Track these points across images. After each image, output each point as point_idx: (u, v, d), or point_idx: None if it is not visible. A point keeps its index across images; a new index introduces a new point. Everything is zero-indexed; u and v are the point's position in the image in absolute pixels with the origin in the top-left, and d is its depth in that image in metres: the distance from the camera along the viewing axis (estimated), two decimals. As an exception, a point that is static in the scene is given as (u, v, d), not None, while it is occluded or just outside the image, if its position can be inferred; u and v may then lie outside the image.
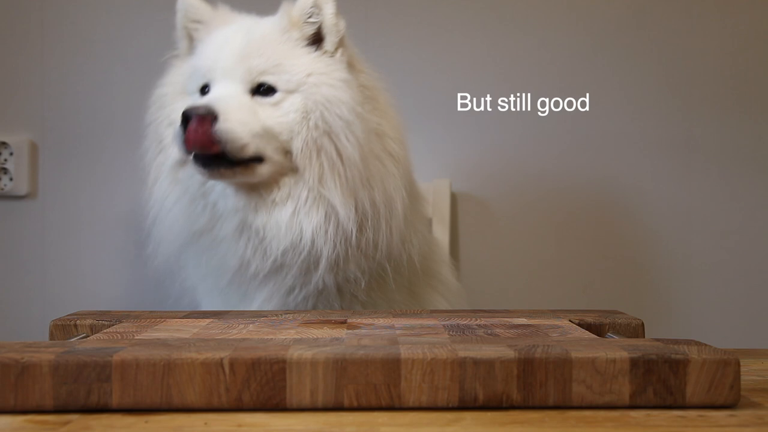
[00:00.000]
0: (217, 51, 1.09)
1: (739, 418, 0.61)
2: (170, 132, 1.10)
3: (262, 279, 1.09)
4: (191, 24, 1.16)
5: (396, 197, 1.09)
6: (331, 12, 1.09)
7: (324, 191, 1.04)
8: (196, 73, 1.11)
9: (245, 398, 0.61)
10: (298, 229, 1.05)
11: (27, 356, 0.61)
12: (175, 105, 1.12)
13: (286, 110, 1.05)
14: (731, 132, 1.61)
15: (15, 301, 1.59)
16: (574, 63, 1.61)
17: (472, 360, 0.62)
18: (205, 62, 1.10)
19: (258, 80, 1.06)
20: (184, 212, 1.12)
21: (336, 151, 1.04)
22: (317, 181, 1.05)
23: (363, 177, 1.06)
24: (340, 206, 1.04)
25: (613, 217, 1.62)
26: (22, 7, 1.59)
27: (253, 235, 1.07)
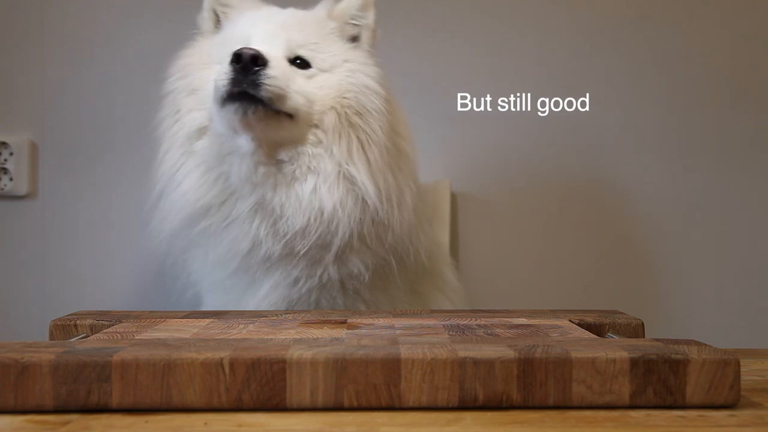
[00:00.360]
0: (256, 21, 1.10)
1: (739, 418, 0.61)
2: (190, 101, 1.10)
3: (270, 266, 1.08)
4: (220, 7, 1.16)
5: (407, 191, 1.11)
6: (373, 17, 1.14)
7: (351, 168, 1.05)
8: (229, 41, 1.08)
9: (245, 398, 0.61)
10: (318, 204, 1.04)
11: (27, 356, 0.61)
12: (199, 73, 1.12)
13: (321, 85, 1.07)
14: (731, 132, 1.61)
15: (15, 301, 1.58)
16: (574, 63, 1.61)
17: (472, 360, 0.62)
18: (242, 30, 1.09)
19: (296, 52, 1.08)
20: (195, 183, 1.09)
21: (366, 131, 1.06)
22: (346, 157, 1.05)
23: (386, 162, 1.08)
24: (367, 183, 1.05)
25: (613, 216, 1.62)
26: (22, 7, 1.59)
27: (269, 215, 1.06)
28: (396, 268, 1.11)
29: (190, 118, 1.10)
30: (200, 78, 1.11)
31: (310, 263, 1.07)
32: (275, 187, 1.06)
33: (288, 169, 1.06)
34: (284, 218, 1.05)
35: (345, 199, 1.05)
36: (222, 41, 1.12)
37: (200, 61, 1.13)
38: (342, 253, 1.07)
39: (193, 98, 1.11)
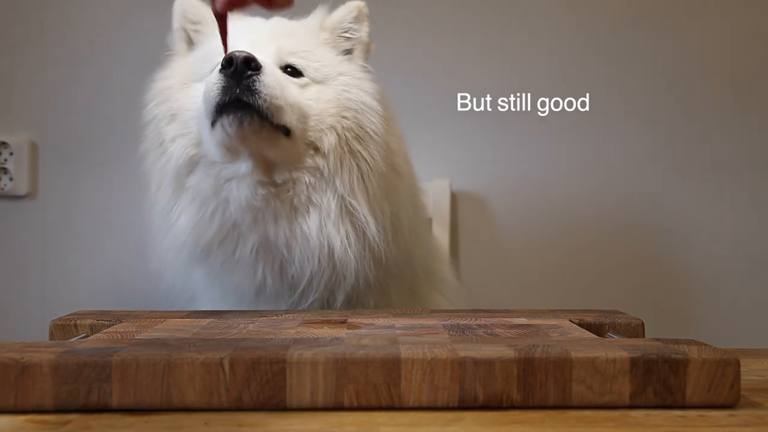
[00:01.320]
0: (240, 30, 1.00)
1: (739, 418, 0.61)
2: (173, 127, 1.03)
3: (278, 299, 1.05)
4: (190, 25, 1.10)
5: (402, 213, 1.06)
6: (367, 30, 1.09)
7: (352, 201, 1.00)
8: (211, 54, 1.02)
9: (245, 398, 0.61)
10: (327, 244, 0.99)
11: (27, 356, 0.61)
12: (178, 95, 1.04)
13: (315, 97, 1.01)
14: (731, 133, 1.61)
15: (15, 301, 1.58)
16: (574, 63, 1.61)
17: (472, 360, 0.62)
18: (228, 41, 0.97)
19: (287, 60, 1.02)
20: (191, 221, 1.02)
21: (366, 159, 1.00)
22: (348, 189, 1.00)
23: (386, 187, 1.03)
24: (368, 216, 1.00)
25: (613, 216, 1.62)
26: (22, 7, 1.59)
27: (274, 257, 1.01)
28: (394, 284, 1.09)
29: (176, 148, 1.03)
30: (180, 100, 1.04)
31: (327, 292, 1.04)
32: (276, 218, 1.00)
33: (285, 196, 1.00)
34: (292, 261, 1.00)
35: (350, 234, 0.99)
36: (202, 56, 1.05)
37: (178, 82, 1.06)
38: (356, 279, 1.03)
39: (175, 125, 1.04)
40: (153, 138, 1.07)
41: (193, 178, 1.03)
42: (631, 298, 1.59)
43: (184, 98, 1.04)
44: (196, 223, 1.02)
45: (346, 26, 1.08)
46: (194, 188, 1.03)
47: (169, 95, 1.06)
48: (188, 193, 1.03)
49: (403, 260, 1.09)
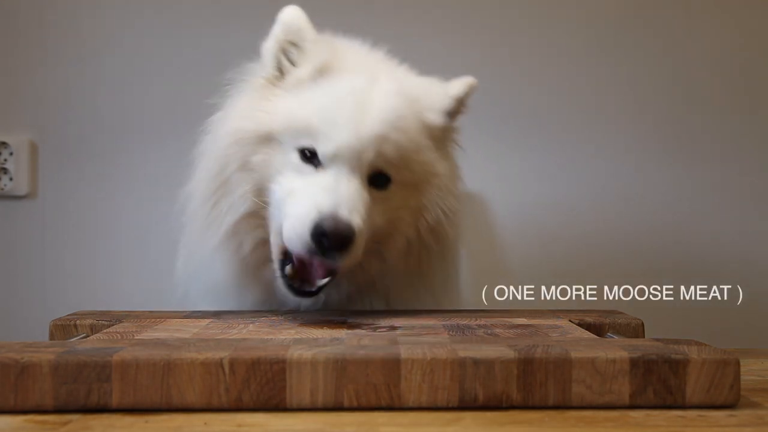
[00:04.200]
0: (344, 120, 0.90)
1: (738, 418, 0.61)
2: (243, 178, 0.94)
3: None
4: (289, 46, 0.96)
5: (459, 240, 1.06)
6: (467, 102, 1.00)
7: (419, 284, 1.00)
8: (301, 130, 0.92)
9: (245, 398, 0.61)
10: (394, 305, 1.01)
11: (27, 356, 0.61)
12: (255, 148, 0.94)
13: (396, 206, 0.94)
14: (731, 132, 1.61)
15: (15, 301, 1.58)
16: (577, 61, 1.61)
17: (472, 360, 0.62)
18: (323, 126, 0.90)
19: (380, 167, 0.92)
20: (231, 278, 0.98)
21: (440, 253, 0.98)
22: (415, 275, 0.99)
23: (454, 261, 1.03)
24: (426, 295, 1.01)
25: (614, 216, 1.62)
26: (22, 7, 1.59)
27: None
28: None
29: (243, 203, 0.94)
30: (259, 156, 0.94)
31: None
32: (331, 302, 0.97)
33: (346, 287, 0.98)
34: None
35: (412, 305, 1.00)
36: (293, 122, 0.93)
37: (259, 133, 0.94)
38: None
39: (248, 178, 0.94)
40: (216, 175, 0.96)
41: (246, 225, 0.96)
42: (631, 298, 1.59)
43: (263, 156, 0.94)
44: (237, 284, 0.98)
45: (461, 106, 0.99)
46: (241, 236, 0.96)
47: (245, 143, 0.94)
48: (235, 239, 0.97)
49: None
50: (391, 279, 0.99)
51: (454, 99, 0.98)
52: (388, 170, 0.93)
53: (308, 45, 0.95)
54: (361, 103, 0.91)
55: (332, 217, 0.84)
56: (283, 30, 0.96)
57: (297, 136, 0.92)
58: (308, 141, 0.91)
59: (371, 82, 0.94)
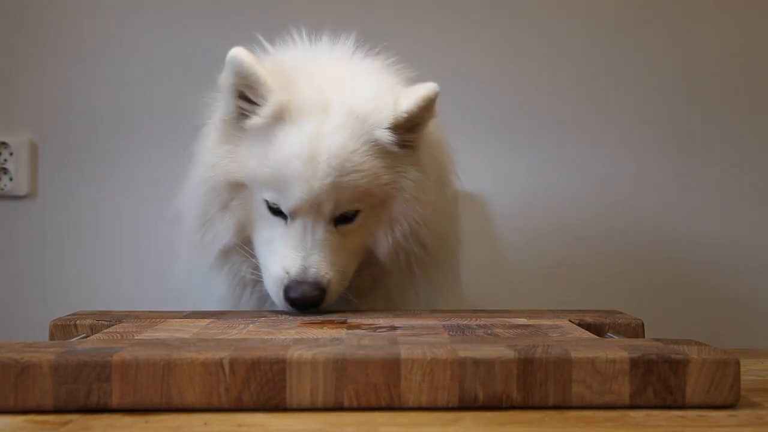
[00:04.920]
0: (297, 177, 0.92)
1: (738, 418, 0.61)
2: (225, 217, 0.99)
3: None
4: (244, 89, 0.95)
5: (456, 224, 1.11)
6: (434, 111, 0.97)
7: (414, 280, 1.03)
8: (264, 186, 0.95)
9: (245, 398, 0.61)
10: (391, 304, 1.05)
11: (27, 356, 0.61)
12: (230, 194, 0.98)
13: (369, 225, 0.98)
14: (731, 132, 1.61)
15: (15, 301, 1.58)
16: (576, 63, 1.61)
17: (472, 360, 0.62)
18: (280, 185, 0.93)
19: (341, 211, 0.95)
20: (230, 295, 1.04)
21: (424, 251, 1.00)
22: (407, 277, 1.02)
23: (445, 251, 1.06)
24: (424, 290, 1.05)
25: (613, 216, 1.62)
26: (22, 8, 1.59)
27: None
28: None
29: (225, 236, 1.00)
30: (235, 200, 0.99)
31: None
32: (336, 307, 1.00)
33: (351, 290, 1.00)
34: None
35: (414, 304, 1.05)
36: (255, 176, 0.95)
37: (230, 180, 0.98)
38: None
39: (228, 216, 1.00)
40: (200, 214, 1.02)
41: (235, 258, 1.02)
42: (631, 298, 1.59)
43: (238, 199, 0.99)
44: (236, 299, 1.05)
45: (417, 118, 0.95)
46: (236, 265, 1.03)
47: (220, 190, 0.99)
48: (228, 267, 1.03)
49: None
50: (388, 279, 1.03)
51: (405, 114, 0.94)
52: (354, 206, 0.96)
53: (261, 88, 0.93)
54: (312, 154, 0.92)
55: (300, 281, 0.92)
56: (233, 74, 0.94)
57: (261, 189, 0.96)
58: (271, 195, 0.95)
59: (321, 121, 0.93)
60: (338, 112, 0.94)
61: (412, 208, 0.97)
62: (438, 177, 1.05)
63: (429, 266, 1.03)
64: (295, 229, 0.95)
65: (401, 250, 0.99)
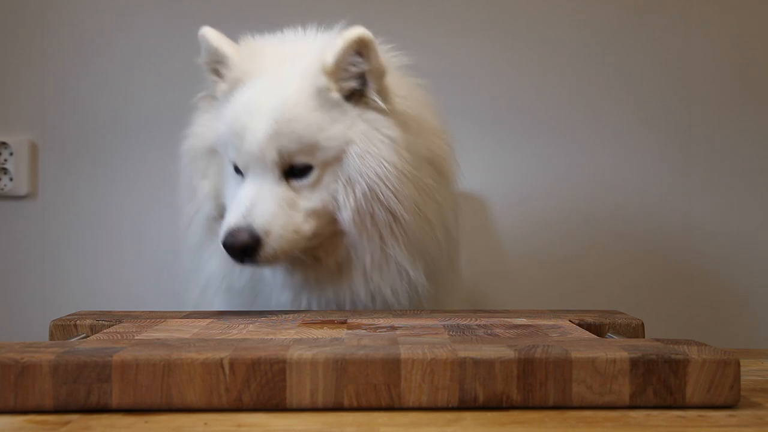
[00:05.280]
0: (242, 129, 0.97)
1: (739, 418, 0.61)
2: (205, 184, 1.05)
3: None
4: (215, 64, 1.03)
5: (451, 226, 1.06)
6: (377, 56, 0.96)
7: (388, 250, 0.99)
8: (223, 146, 1.01)
9: (245, 398, 0.61)
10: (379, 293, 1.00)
11: (27, 356, 0.61)
12: (208, 161, 1.05)
13: (326, 184, 0.97)
14: (731, 133, 1.61)
15: (15, 301, 1.58)
16: (576, 64, 1.61)
17: (472, 360, 0.62)
18: (231, 139, 0.98)
19: (291, 162, 0.96)
20: (221, 269, 1.05)
21: (391, 215, 0.97)
22: (378, 243, 0.98)
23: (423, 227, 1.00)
24: (407, 265, 0.99)
25: (613, 216, 1.62)
26: (22, 7, 1.59)
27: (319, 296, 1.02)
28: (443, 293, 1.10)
29: (207, 205, 1.05)
30: (211, 166, 1.05)
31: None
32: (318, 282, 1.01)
33: (328, 261, 1.01)
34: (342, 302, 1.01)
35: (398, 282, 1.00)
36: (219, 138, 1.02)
37: (207, 147, 1.05)
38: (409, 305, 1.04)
39: (207, 182, 1.05)
40: (186, 186, 1.08)
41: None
42: (631, 298, 1.59)
43: (214, 166, 1.04)
44: (228, 272, 1.04)
45: (348, 61, 0.96)
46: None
47: (200, 157, 1.06)
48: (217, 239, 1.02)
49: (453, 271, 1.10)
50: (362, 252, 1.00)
51: (331, 57, 0.96)
52: (301, 161, 0.97)
53: (229, 60, 1.01)
54: (256, 108, 0.97)
55: (235, 229, 0.93)
56: (204, 52, 1.03)
57: (224, 150, 1.02)
58: (232, 153, 1.00)
59: (271, 81, 0.99)
60: (288, 72, 0.99)
61: (366, 164, 0.96)
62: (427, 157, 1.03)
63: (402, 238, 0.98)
64: (247, 184, 0.97)
65: (365, 214, 0.97)
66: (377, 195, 0.96)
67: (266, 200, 0.96)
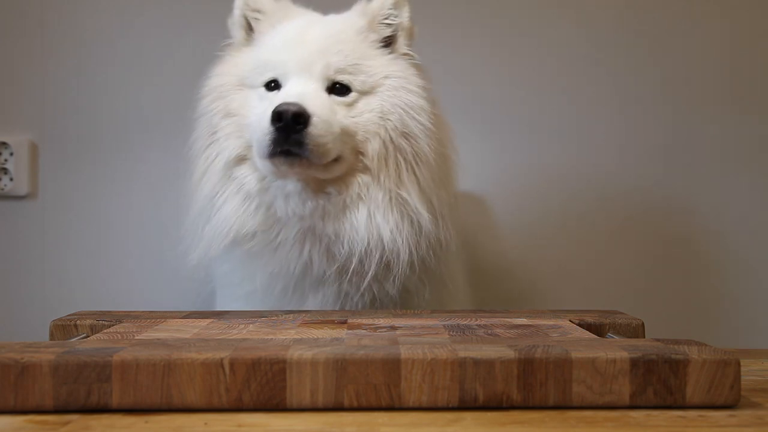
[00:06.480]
0: (291, 44, 1.06)
1: (739, 418, 0.61)
2: (227, 124, 1.08)
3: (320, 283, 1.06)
4: (252, 13, 1.12)
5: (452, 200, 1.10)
6: (408, 15, 1.10)
7: (402, 192, 1.03)
8: (262, 67, 1.07)
9: (245, 398, 0.61)
10: (376, 232, 1.02)
11: (27, 356, 0.61)
12: (233, 96, 1.09)
13: (361, 110, 1.04)
14: (731, 132, 1.61)
15: (15, 301, 1.58)
16: (575, 62, 1.61)
17: (472, 360, 0.62)
18: (276, 56, 1.06)
19: (335, 78, 1.04)
20: (236, 210, 1.06)
21: (414, 152, 1.03)
22: (395, 183, 1.03)
23: (438, 177, 1.06)
24: (419, 206, 1.03)
25: (613, 216, 1.62)
26: (22, 7, 1.59)
27: (320, 240, 1.04)
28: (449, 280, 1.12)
29: (228, 145, 1.07)
30: (236, 101, 1.08)
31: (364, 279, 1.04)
32: (324, 217, 1.03)
33: (337, 199, 1.03)
34: (340, 243, 1.02)
35: (401, 224, 1.02)
36: (256, 63, 1.08)
37: (234, 82, 1.10)
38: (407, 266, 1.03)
39: (229, 122, 1.08)
40: (205, 129, 1.10)
41: (241, 170, 1.07)
42: (631, 298, 1.59)
43: (239, 101, 1.08)
44: (241, 213, 1.06)
45: (386, 13, 1.09)
46: (240, 179, 1.07)
47: (225, 93, 1.10)
48: (234, 182, 1.07)
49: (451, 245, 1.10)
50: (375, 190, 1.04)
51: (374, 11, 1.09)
52: (343, 79, 1.04)
53: (267, 9, 1.11)
54: (304, 31, 1.07)
55: (284, 103, 0.96)
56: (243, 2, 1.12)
57: (261, 73, 1.07)
58: (269, 73, 1.06)
59: (315, 18, 1.11)
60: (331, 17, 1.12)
61: (400, 97, 1.05)
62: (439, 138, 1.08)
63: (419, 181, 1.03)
64: (292, 84, 1.03)
65: (392, 148, 1.03)
66: (408, 128, 1.04)
67: (313, 95, 1.01)
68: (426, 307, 1.05)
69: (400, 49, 1.09)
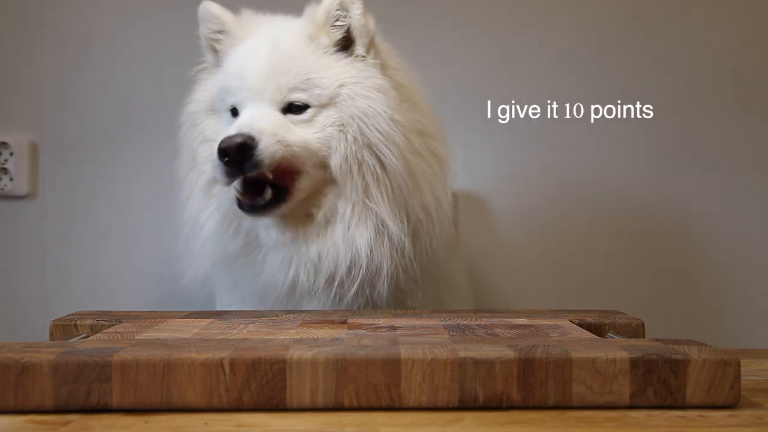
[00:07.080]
0: (242, 70, 1.05)
1: (739, 418, 0.61)
2: (204, 149, 1.09)
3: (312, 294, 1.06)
4: (213, 35, 1.11)
5: (443, 198, 1.08)
6: (358, 12, 1.04)
7: (370, 204, 1.01)
8: (224, 92, 1.08)
9: (245, 398, 0.61)
10: (355, 247, 1.02)
11: (27, 356, 0.61)
12: (207, 122, 1.11)
13: (321, 125, 1.02)
14: (731, 132, 1.61)
15: (15, 301, 1.58)
16: (574, 63, 1.61)
17: (472, 360, 0.62)
18: (231, 82, 1.06)
19: (289, 99, 1.03)
20: (216, 229, 1.09)
21: (378, 162, 1.01)
22: (362, 195, 1.02)
23: (410, 184, 1.03)
24: (389, 219, 1.01)
25: (613, 216, 1.62)
26: (22, 7, 1.59)
27: (306, 262, 1.04)
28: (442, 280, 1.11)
29: (206, 168, 1.09)
30: (210, 127, 1.10)
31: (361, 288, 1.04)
32: (307, 239, 1.04)
33: (315, 219, 1.04)
34: (325, 262, 1.03)
35: (374, 237, 1.01)
36: (219, 89, 1.09)
37: (206, 108, 1.11)
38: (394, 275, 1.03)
39: (206, 146, 1.09)
40: (186, 155, 1.13)
41: (220, 187, 1.08)
42: (631, 298, 1.59)
43: (213, 126, 1.10)
44: (222, 233, 1.08)
45: (334, 15, 1.05)
46: (219, 196, 1.09)
47: (198, 120, 1.12)
48: (214, 199, 1.10)
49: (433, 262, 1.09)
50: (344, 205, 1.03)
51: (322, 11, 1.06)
52: (298, 98, 1.03)
53: (229, 27, 1.10)
54: (255, 53, 1.06)
55: (227, 138, 0.97)
56: (205, 24, 1.12)
57: (224, 99, 1.07)
58: (229, 100, 1.06)
59: (268, 33, 1.08)
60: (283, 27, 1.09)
61: (357, 105, 1.02)
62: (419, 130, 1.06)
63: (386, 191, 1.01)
64: (245, 111, 1.03)
65: (354, 160, 1.01)
66: (367, 138, 1.01)
67: (262, 118, 1.01)
68: (421, 307, 1.05)
69: (358, 51, 1.05)
